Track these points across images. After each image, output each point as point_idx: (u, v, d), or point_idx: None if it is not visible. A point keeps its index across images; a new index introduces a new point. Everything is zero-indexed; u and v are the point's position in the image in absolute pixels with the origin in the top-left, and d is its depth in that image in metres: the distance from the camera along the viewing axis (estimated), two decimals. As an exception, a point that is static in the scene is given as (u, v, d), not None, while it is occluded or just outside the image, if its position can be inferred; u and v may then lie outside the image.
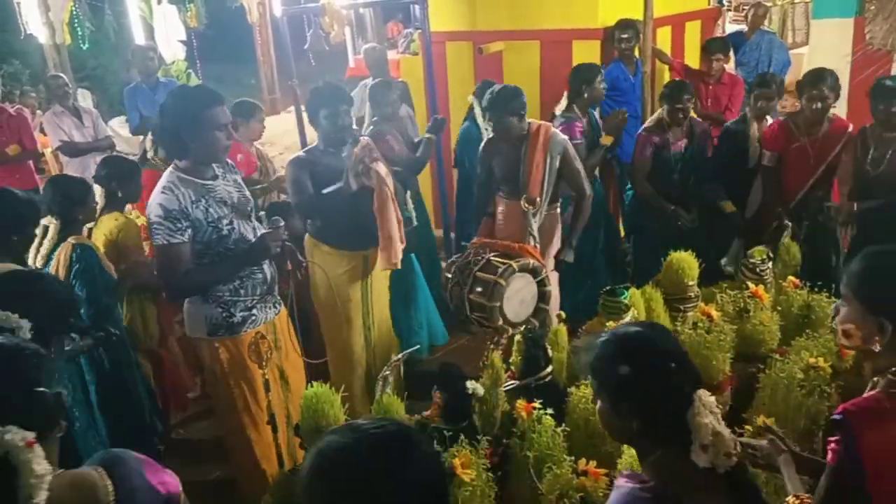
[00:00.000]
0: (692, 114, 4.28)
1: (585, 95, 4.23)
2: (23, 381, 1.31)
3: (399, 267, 3.34)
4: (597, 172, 4.50)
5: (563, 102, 4.31)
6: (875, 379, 1.60)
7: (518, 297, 3.24)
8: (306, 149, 3.36)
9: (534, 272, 3.28)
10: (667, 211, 4.18)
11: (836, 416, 1.55)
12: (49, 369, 1.38)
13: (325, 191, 3.10)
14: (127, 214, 3.51)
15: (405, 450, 1.05)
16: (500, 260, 3.24)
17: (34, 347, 1.41)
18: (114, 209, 3.40)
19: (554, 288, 3.75)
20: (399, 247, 3.27)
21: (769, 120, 4.28)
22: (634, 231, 4.64)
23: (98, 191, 3.38)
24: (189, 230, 2.44)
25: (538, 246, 3.62)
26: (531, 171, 3.56)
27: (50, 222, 3.00)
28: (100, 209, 3.39)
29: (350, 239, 3.25)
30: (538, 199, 3.58)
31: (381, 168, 3.18)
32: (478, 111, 4.34)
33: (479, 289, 3.21)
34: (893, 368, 1.54)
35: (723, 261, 4.17)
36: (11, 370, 1.31)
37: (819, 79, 3.76)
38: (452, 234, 5.12)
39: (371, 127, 4.22)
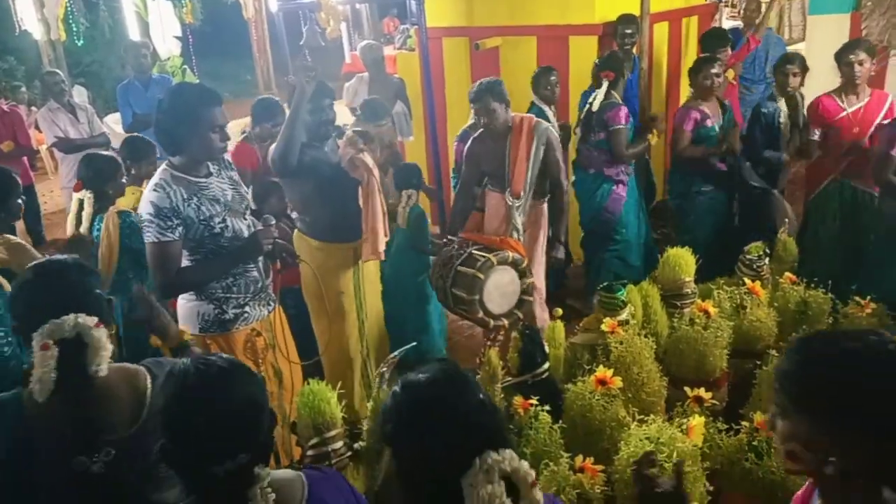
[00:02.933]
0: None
1: (621, 81, 4.22)
2: (82, 285, 1.65)
3: (382, 258, 3.37)
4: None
5: (602, 92, 4.18)
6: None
7: (499, 290, 3.25)
8: None
9: (514, 264, 3.28)
10: (713, 167, 4.22)
11: None
12: (97, 281, 1.73)
13: None
14: None
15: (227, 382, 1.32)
16: (480, 254, 3.26)
17: (82, 262, 1.74)
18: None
19: (539, 280, 3.77)
20: (382, 239, 3.29)
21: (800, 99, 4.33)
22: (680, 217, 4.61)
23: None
24: (180, 228, 2.42)
25: (522, 239, 3.65)
26: (515, 164, 3.61)
27: (84, 196, 3.24)
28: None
29: (337, 232, 3.27)
30: (522, 192, 3.63)
31: (368, 159, 3.20)
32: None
33: (460, 282, 3.23)
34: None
35: None
36: (74, 276, 1.67)
37: (854, 44, 3.97)
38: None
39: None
